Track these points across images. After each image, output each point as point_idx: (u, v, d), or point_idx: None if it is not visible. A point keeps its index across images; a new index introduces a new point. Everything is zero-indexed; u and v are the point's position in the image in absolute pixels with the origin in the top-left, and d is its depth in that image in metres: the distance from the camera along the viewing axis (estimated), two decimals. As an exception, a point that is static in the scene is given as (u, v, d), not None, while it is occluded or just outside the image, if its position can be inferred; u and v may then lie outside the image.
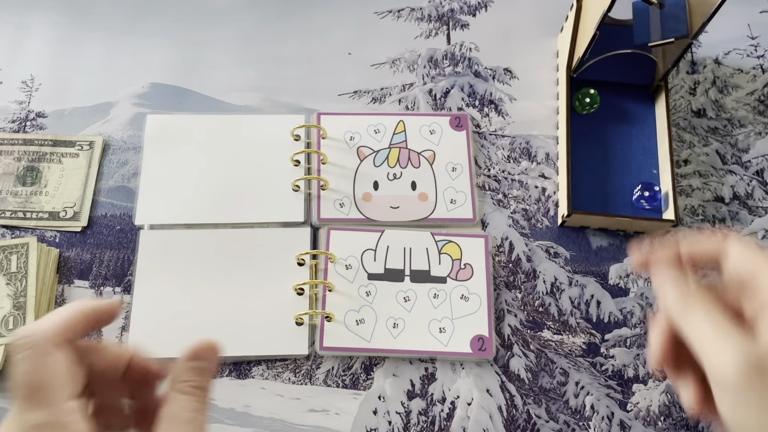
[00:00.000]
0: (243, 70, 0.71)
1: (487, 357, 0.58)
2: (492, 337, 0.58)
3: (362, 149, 0.65)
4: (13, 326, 0.55)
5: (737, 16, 0.76)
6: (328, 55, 0.72)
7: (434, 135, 0.67)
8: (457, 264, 0.61)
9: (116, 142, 0.67)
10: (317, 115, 0.67)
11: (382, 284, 0.60)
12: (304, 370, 0.58)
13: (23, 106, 0.68)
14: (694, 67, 0.73)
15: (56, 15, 0.73)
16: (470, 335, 0.58)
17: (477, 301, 0.59)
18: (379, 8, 0.75)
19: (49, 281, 0.59)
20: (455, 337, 0.58)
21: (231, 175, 0.64)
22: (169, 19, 0.74)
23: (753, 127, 0.70)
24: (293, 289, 0.59)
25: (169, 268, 0.60)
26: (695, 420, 0.57)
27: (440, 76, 0.71)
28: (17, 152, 0.65)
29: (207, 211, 0.62)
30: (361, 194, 0.63)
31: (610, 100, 0.68)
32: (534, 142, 0.68)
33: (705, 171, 0.68)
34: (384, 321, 0.58)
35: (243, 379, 0.57)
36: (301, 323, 0.58)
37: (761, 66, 0.73)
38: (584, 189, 0.64)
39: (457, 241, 0.62)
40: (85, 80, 0.70)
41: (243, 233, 0.61)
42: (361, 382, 0.57)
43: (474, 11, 0.75)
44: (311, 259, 0.60)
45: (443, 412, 0.57)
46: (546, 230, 0.64)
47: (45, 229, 0.62)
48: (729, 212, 0.66)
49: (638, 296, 0.62)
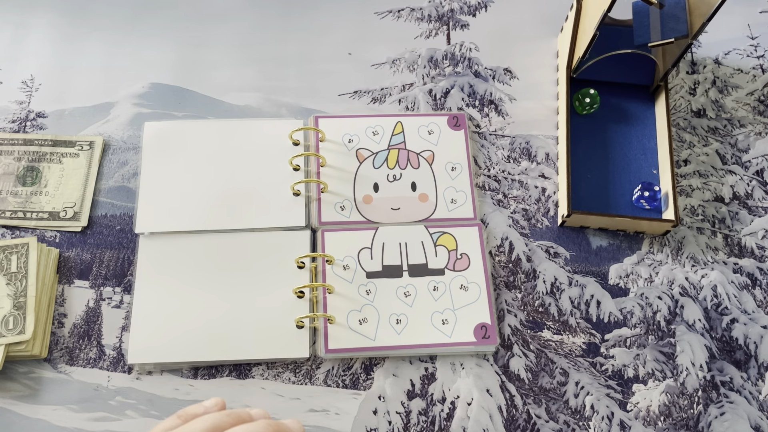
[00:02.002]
0: (243, 70, 0.71)
1: (492, 344, 0.58)
2: (494, 324, 0.58)
3: (361, 151, 0.65)
4: (13, 326, 0.55)
5: (737, 16, 0.76)
6: (328, 55, 0.72)
7: (433, 135, 0.67)
8: (453, 255, 0.61)
9: (116, 142, 0.67)
10: (315, 118, 0.67)
11: (382, 281, 0.60)
12: (304, 370, 0.58)
13: (23, 106, 0.68)
14: (694, 67, 0.73)
15: (56, 15, 0.73)
16: (473, 324, 0.58)
17: (476, 289, 0.60)
18: (379, 8, 0.75)
19: (49, 281, 0.59)
20: (458, 327, 0.58)
21: (231, 181, 0.64)
22: (169, 19, 0.74)
23: (753, 127, 0.70)
24: (293, 293, 0.59)
25: (169, 272, 0.60)
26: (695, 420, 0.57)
27: (440, 76, 0.71)
28: (17, 152, 0.65)
29: (207, 218, 0.62)
30: (361, 196, 0.63)
31: (610, 100, 0.68)
32: (534, 142, 0.68)
33: (705, 171, 0.68)
34: (387, 318, 0.58)
35: (243, 379, 0.57)
36: (301, 326, 0.58)
37: (761, 66, 0.73)
38: (584, 189, 0.64)
39: (451, 232, 0.62)
40: (85, 80, 0.70)
41: (242, 237, 0.61)
42: (361, 382, 0.57)
43: (474, 11, 0.75)
44: (311, 261, 0.60)
45: (443, 412, 0.57)
46: (546, 230, 0.64)
47: (45, 229, 0.62)
48: (729, 212, 0.66)
49: (638, 296, 0.62)
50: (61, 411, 0.55)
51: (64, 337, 0.58)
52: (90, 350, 0.58)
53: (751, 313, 0.62)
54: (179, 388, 0.56)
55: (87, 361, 0.57)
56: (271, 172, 0.64)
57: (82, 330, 0.58)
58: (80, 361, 0.57)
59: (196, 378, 0.57)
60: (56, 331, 0.58)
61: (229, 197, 0.63)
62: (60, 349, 0.57)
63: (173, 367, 0.57)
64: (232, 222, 0.62)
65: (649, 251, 0.64)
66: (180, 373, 0.57)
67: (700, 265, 0.63)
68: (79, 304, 0.59)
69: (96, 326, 0.58)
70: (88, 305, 0.59)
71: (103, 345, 0.58)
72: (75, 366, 0.57)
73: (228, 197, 0.63)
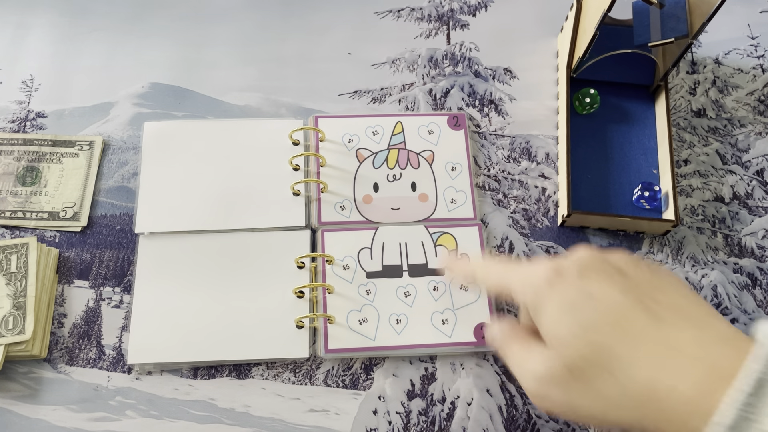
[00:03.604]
0: (243, 70, 0.71)
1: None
2: None
3: (361, 151, 0.65)
4: (12, 326, 0.55)
5: (737, 16, 0.76)
6: (328, 55, 0.72)
7: (432, 135, 0.67)
8: (453, 255, 0.61)
9: (116, 142, 0.67)
10: (314, 117, 0.67)
11: (381, 281, 0.60)
12: (304, 370, 0.58)
13: (23, 106, 0.68)
14: (694, 67, 0.73)
15: (56, 15, 0.73)
16: (473, 324, 0.58)
17: (477, 289, 0.60)
18: (379, 8, 0.75)
19: (49, 281, 0.59)
20: (458, 327, 0.58)
21: (230, 182, 0.64)
22: (169, 19, 0.74)
23: (753, 127, 0.70)
24: (293, 293, 0.59)
25: (169, 272, 0.60)
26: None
27: (440, 76, 0.71)
28: (17, 152, 0.65)
29: (207, 218, 0.62)
30: (361, 196, 0.63)
31: (610, 100, 0.68)
32: (534, 142, 0.68)
33: (705, 171, 0.68)
34: (387, 318, 0.58)
35: (243, 379, 0.57)
36: (301, 326, 0.58)
37: (761, 66, 0.73)
38: (584, 189, 0.64)
39: (451, 232, 0.62)
40: (85, 80, 0.70)
41: (242, 237, 0.61)
42: (361, 382, 0.57)
43: (474, 11, 0.75)
44: (311, 261, 0.60)
45: (443, 412, 0.57)
46: (546, 230, 0.64)
47: (45, 229, 0.62)
48: (729, 212, 0.66)
49: (638, 296, 0.62)
50: (61, 411, 0.55)
51: (63, 337, 0.58)
52: (90, 350, 0.58)
53: (751, 313, 0.62)
54: (179, 388, 0.56)
55: (87, 361, 0.57)
56: (271, 172, 0.64)
57: (81, 330, 0.58)
58: (80, 361, 0.57)
59: (196, 378, 0.57)
60: (56, 331, 0.58)
61: (228, 197, 0.63)
62: (60, 349, 0.57)
63: (173, 367, 0.57)
64: (231, 222, 0.62)
65: (649, 251, 0.64)
66: (180, 373, 0.57)
67: (700, 265, 0.63)
68: (79, 304, 0.59)
69: (96, 326, 0.58)
70: (87, 305, 0.59)
71: (102, 345, 0.58)
72: (75, 366, 0.57)
73: (228, 197, 0.63)
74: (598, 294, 0.38)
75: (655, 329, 0.36)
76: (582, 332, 0.38)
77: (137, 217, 0.62)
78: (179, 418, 0.55)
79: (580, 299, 0.38)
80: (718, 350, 0.35)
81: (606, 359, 0.37)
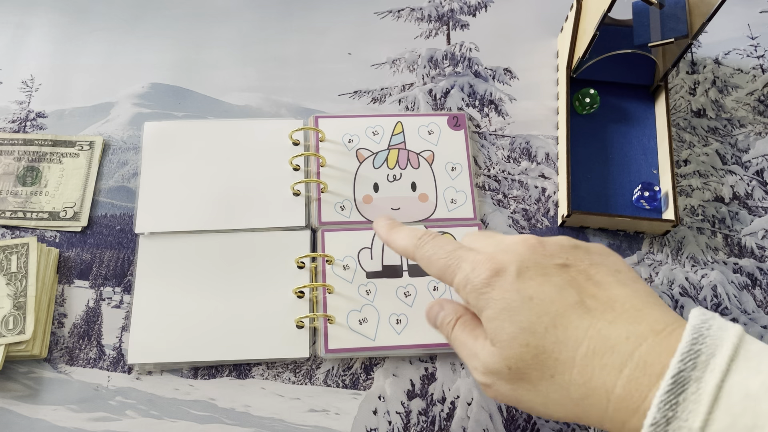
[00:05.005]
0: (243, 70, 0.71)
1: None
2: None
3: (361, 151, 0.66)
4: (13, 326, 0.55)
5: (737, 16, 0.76)
6: (328, 55, 0.72)
7: (432, 135, 0.67)
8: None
9: (116, 142, 0.67)
10: (314, 117, 0.67)
11: (381, 281, 0.60)
12: (304, 370, 0.58)
13: (23, 106, 0.68)
14: (694, 67, 0.73)
15: (56, 15, 0.73)
16: None
17: None
18: (379, 8, 0.75)
19: (49, 281, 0.59)
20: None
21: (231, 182, 0.64)
22: (169, 19, 0.74)
23: (753, 127, 0.70)
24: (293, 293, 0.59)
25: (169, 272, 0.60)
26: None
27: (440, 76, 0.71)
28: (17, 152, 0.65)
29: (207, 218, 0.62)
30: (361, 197, 0.63)
31: (610, 100, 0.68)
32: (534, 142, 0.68)
33: (705, 171, 0.68)
34: (387, 318, 0.58)
35: (243, 379, 0.57)
36: (301, 326, 0.58)
37: (761, 66, 0.73)
38: (584, 189, 0.64)
39: (451, 232, 0.62)
40: (85, 80, 0.70)
41: (242, 237, 0.61)
42: (361, 382, 0.57)
43: (474, 11, 0.75)
44: (311, 261, 0.60)
45: (443, 412, 0.57)
46: (546, 230, 0.64)
47: (45, 229, 0.62)
48: (729, 212, 0.66)
49: (638, 296, 0.62)
50: (61, 411, 0.55)
51: (64, 337, 0.58)
52: (90, 350, 0.58)
53: (751, 313, 0.62)
54: (179, 388, 0.56)
55: (87, 361, 0.57)
56: (271, 172, 0.64)
57: (82, 330, 0.58)
58: (80, 361, 0.57)
59: (196, 378, 0.57)
60: (56, 331, 0.58)
61: (228, 197, 0.63)
62: (60, 349, 0.57)
63: (173, 367, 0.57)
64: (231, 222, 0.62)
65: (649, 251, 0.64)
66: (180, 373, 0.57)
67: (700, 265, 0.63)
68: (79, 304, 0.59)
69: (96, 326, 0.58)
70: (88, 305, 0.59)
71: (103, 345, 0.58)
72: (75, 366, 0.57)
73: (228, 197, 0.63)
74: (536, 295, 0.38)
75: (592, 328, 0.37)
76: (522, 336, 0.38)
77: (137, 217, 0.62)
78: (179, 418, 0.55)
79: (518, 302, 0.39)
80: (647, 346, 0.35)
81: (544, 363, 0.37)
